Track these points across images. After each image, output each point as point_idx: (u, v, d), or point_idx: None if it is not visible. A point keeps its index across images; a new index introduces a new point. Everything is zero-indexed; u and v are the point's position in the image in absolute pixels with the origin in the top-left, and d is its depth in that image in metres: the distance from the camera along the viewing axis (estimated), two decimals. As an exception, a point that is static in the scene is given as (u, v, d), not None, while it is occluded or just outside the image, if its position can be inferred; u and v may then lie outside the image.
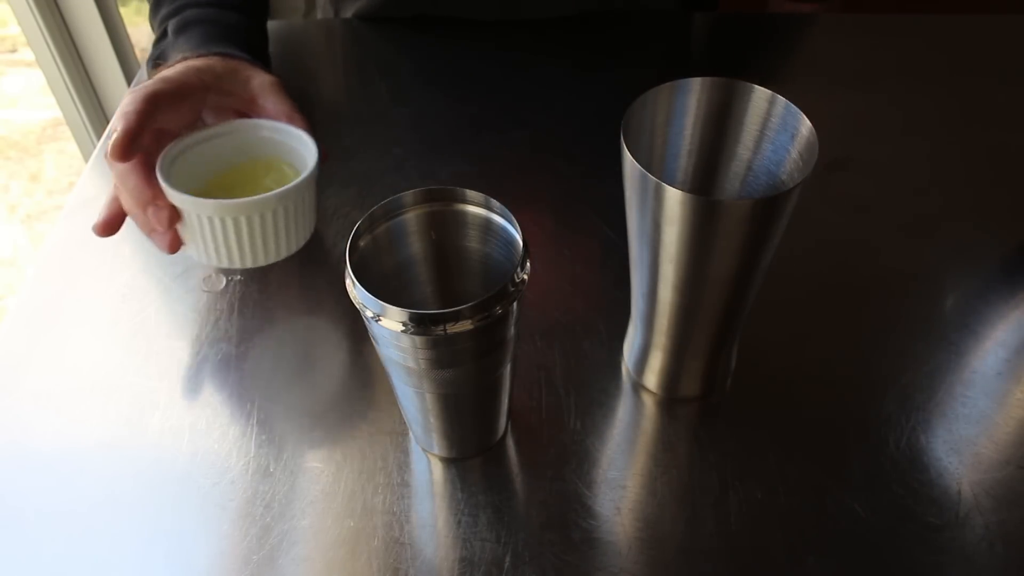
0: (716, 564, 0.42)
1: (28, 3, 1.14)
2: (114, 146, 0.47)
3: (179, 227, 0.50)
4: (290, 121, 0.53)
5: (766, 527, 0.43)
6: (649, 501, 0.44)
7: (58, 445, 0.47)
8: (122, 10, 1.25)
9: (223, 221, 0.48)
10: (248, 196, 0.49)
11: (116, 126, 0.48)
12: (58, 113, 1.31)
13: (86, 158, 1.38)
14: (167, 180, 0.48)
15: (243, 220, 0.48)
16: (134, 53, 1.29)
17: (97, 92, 1.31)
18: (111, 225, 0.51)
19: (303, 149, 0.52)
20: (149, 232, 0.50)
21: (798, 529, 0.43)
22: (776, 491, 0.44)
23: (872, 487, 0.44)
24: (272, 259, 0.51)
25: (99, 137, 0.65)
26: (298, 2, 1.05)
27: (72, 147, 1.51)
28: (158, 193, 0.48)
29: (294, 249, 0.52)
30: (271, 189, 0.49)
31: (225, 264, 0.51)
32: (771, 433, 0.47)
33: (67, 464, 0.47)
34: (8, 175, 1.79)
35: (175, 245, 0.50)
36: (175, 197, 0.48)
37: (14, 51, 2.06)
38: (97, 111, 1.32)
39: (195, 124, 0.53)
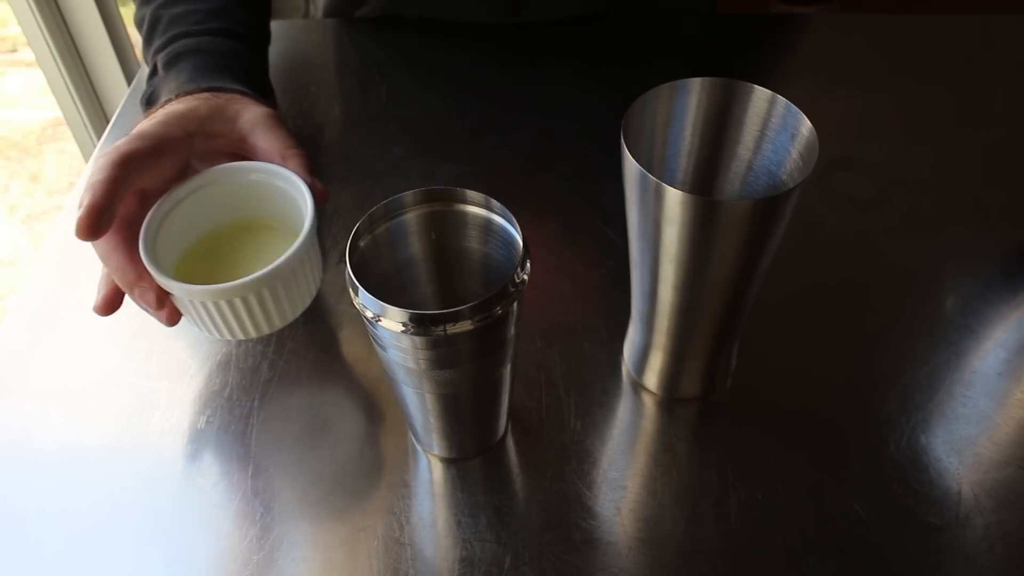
0: (716, 564, 0.42)
1: (28, 3, 1.14)
2: (79, 225, 0.42)
3: (175, 300, 0.45)
4: (283, 160, 0.48)
5: (766, 527, 0.43)
6: (649, 501, 0.44)
7: (58, 445, 0.47)
8: (122, 10, 1.25)
9: (216, 304, 0.43)
10: (242, 258, 0.45)
11: (85, 196, 0.42)
12: (58, 113, 1.31)
13: (86, 158, 1.38)
14: (152, 258, 0.43)
15: (238, 301, 0.43)
16: (134, 53, 1.29)
17: (97, 92, 1.31)
18: (111, 303, 0.46)
19: (296, 194, 0.46)
20: (147, 308, 0.45)
21: (798, 529, 0.43)
22: (776, 491, 0.44)
23: (872, 487, 0.44)
24: (279, 326, 0.47)
25: (99, 137, 0.65)
26: (298, 2, 1.06)
27: (72, 147, 1.51)
28: (143, 271, 0.43)
29: (300, 311, 0.47)
30: (265, 247, 0.45)
31: (228, 338, 0.46)
32: (771, 433, 0.47)
33: (67, 464, 0.47)
34: (8, 175, 1.79)
35: (173, 319, 0.45)
36: (161, 281, 0.43)
37: (14, 51, 2.06)
38: (97, 111, 1.32)
39: (183, 175, 0.48)
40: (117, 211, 0.44)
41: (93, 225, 0.42)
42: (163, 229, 0.46)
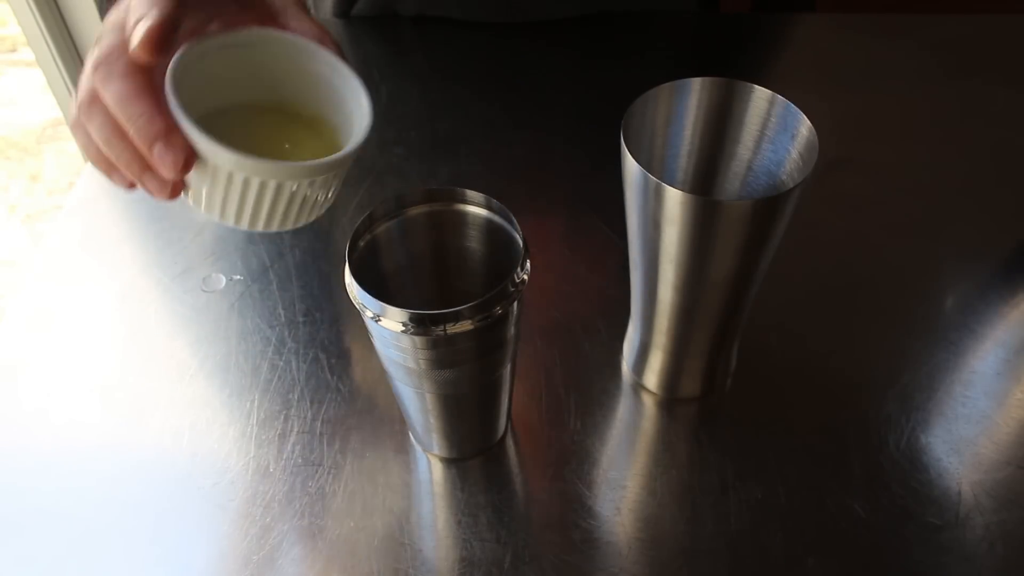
0: (716, 564, 0.42)
1: (28, 3, 1.14)
2: (146, 38, 0.34)
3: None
4: (321, 43, 0.41)
5: (766, 527, 0.43)
6: (649, 501, 0.44)
7: (58, 445, 0.47)
8: (122, 10, 1.25)
9: (262, 184, 0.36)
10: (269, 141, 0.40)
11: (143, 14, 0.35)
12: (58, 113, 1.31)
13: (86, 158, 1.38)
14: (183, 110, 0.35)
15: (287, 186, 0.37)
16: (134, 53, 1.29)
17: (97, 92, 1.31)
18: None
19: (345, 89, 0.40)
20: (140, 172, 0.37)
21: (798, 529, 0.43)
22: (776, 491, 0.44)
23: (872, 487, 0.44)
24: (288, 227, 0.40)
25: (99, 137, 0.65)
26: (298, 2, 1.05)
27: (72, 147, 1.51)
28: (171, 125, 0.35)
29: (315, 217, 0.41)
30: (301, 139, 0.39)
31: (232, 224, 0.39)
32: (771, 433, 0.47)
33: (67, 464, 0.47)
34: (8, 175, 1.79)
35: (177, 191, 0.38)
36: (195, 138, 0.35)
37: (14, 51, 2.05)
38: (97, 111, 1.32)
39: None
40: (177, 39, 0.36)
41: (162, 39, 0.35)
42: (189, 77, 0.37)
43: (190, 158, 0.36)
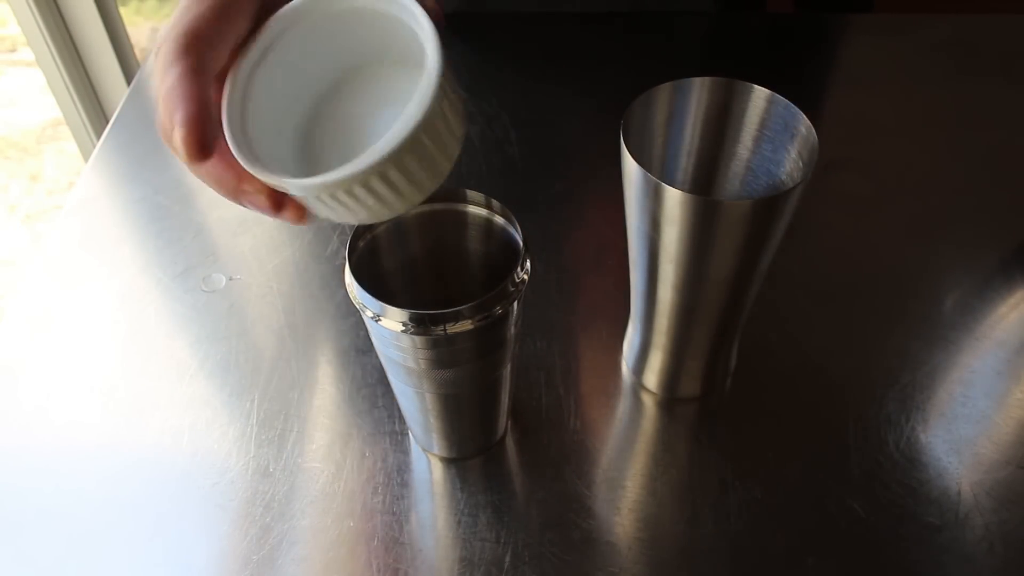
0: (716, 564, 0.42)
1: (28, 3, 1.14)
2: (187, 147, 0.32)
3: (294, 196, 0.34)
4: None
5: (766, 527, 0.43)
6: (649, 501, 0.44)
7: (58, 445, 0.47)
8: (122, 10, 1.25)
9: (348, 191, 0.32)
10: (368, 112, 0.35)
11: (171, 111, 0.32)
12: (58, 113, 1.31)
13: (86, 158, 1.38)
14: (247, 153, 0.32)
15: (377, 180, 0.32)
16: (134, 53, 1.29)
17: (97, 92, 1.31)
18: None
19: (407, 17, 0.34)
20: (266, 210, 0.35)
21: (798, 529, 0.43)
22: (776, 491, 0.44)
23: (872, 487, 0.44)
24: (432, 189, 0.35)
25: (98, 137, 0.65)
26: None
27: (72, 147, 1.51)
28: (243, 172, 0.33)
29: (455, 157, 0.36)
30: (392, 93, 0.35)
31: (373, 221, 0.36)
32: (771, 433, 0.47)
33: (67, 464, 0.47)
34: (8, 175, 1.78)
35: (301, 217, 0.35)
36: (268, 179, 0.32)
37: (14, 51, 2.05)
38: (97, 111, 1.32)
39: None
40: (216, 109, 0.33)
41: (202, 138, 0.32)
42: (249, 106, 0.34)
43: (275, 197, 0.34)
